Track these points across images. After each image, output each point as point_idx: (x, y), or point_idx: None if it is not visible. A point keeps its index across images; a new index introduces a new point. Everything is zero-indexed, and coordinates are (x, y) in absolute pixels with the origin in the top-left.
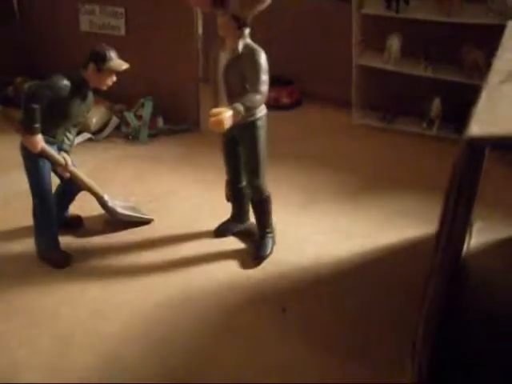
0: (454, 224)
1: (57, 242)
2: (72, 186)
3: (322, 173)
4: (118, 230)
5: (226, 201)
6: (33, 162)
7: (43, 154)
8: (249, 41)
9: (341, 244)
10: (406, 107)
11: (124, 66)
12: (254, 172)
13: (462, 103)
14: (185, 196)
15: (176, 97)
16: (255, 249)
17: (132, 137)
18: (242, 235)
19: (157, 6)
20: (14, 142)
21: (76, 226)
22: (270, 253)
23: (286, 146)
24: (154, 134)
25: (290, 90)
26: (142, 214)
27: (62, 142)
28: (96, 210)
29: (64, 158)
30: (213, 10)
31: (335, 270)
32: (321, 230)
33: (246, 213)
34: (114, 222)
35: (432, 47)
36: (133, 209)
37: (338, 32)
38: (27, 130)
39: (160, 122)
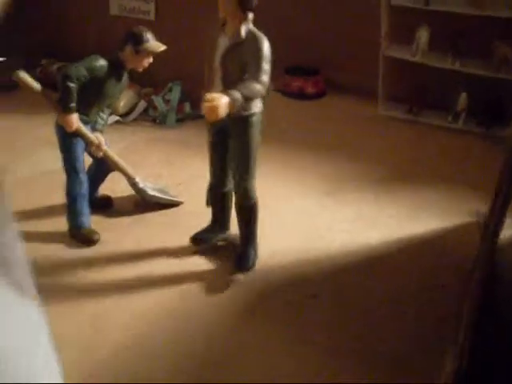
0: (502, 216)
1: (88, 220)
2: (103, 167)
3: (347, 162)
4: (148, 212)
5: (206, 206)
6: (67, 140)
7: (78, 133)
8: (252, 26)
9: (366, 233)
10: (432, 100)
11: (161, 47)
12: (244, 173)
13: (489, 97)
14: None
15: (203, 82)
16: (236, 260)
17: (159, 121)
18: (221, 245)
19: None
20: (44, 121)
21: (106, 206)
22: (252, 265)
23: (310, 135)
24: (181, 119)
25: (315, 80)
26: (172, 197)
27: (96, 121)
28: (126, 191)
29: (97, 138)
30: None
31: (362, 259)
32: (346, 219)
33: (228, 221)
34: (144, 203)
35: (461, 40)
36: (162, 191)
37: (366, 23)
38: (64, 108)
39: (187, 106)
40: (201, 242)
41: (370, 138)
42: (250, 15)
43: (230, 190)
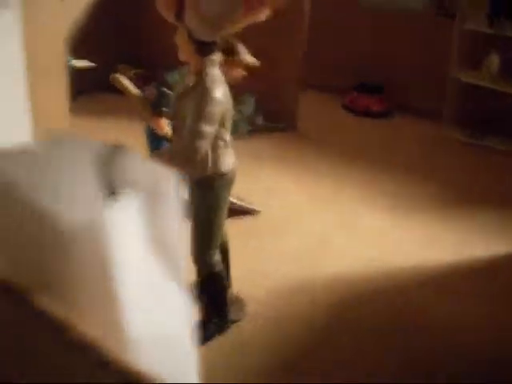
0: None
1: None
2: None
3: (411, 181)
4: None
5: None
6: (156, 143)
7: (167, 137)
8: (210, 72)
9: (432, 250)
10: (497, 125)
11: (253, 61)
12: (197, 241)
13: None
14: (283, 193)
15: (276, 96)
16: None
17: (231, 131)
18: None
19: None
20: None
21: None
22: (204, 341)
23: (375, 153)
24: (253, 130)
25: (380, 98)
26: (250, 204)
27: None
28: None
29: None
30: (177, 22)
31: (429, 275)
32: (412, 235)
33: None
34: None
35: None
36: (239, 198)
37: (435, 45)
38: (157, 112)
39: (259, 118)
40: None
41: (434, 159)
42: (213, 57)
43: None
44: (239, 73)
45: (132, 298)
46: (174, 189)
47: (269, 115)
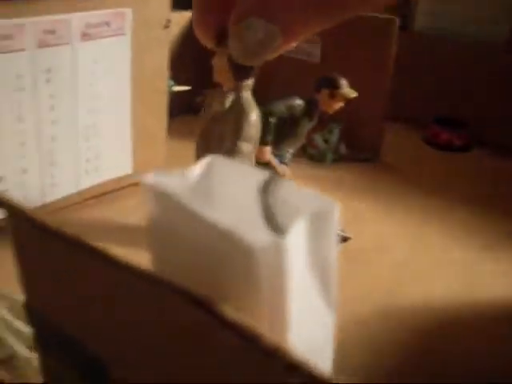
0: None
1: None
2: None
3: (497, 220)
4: None
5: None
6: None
7: (269, 164)
8: (245, 95)
9: None
10: None
11: (354, 94)
12: None
13: None
14: (371, 222)
15: (360, 126)
16: None
17: (317, 159)
18: None
19: (353, 37)
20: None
21: None
22: None
23: (460, 186)
24: (336, 159)
25: (462, 133)
26: (341, 231)
27: (284, 156)
28: None
29: (284, 171)
30: (216, 48)
31: None
32: (500, 270)
33: None
34: None
35: None
36: None
37: None
38: (262, 140)
39: (343, 148)
40: None
41: None
42: (248, 82)
43: None
44: (339, 104)
45: (294, 312)
46: (333, 214)
47: (351, 145)
